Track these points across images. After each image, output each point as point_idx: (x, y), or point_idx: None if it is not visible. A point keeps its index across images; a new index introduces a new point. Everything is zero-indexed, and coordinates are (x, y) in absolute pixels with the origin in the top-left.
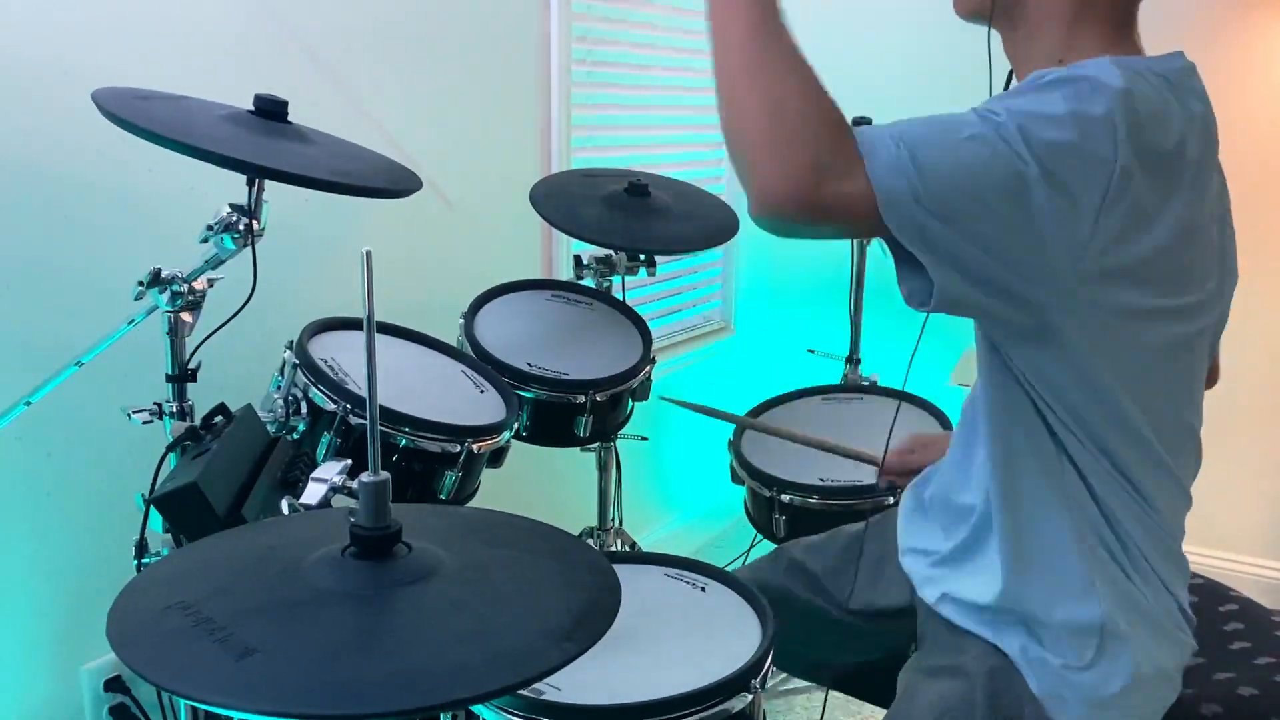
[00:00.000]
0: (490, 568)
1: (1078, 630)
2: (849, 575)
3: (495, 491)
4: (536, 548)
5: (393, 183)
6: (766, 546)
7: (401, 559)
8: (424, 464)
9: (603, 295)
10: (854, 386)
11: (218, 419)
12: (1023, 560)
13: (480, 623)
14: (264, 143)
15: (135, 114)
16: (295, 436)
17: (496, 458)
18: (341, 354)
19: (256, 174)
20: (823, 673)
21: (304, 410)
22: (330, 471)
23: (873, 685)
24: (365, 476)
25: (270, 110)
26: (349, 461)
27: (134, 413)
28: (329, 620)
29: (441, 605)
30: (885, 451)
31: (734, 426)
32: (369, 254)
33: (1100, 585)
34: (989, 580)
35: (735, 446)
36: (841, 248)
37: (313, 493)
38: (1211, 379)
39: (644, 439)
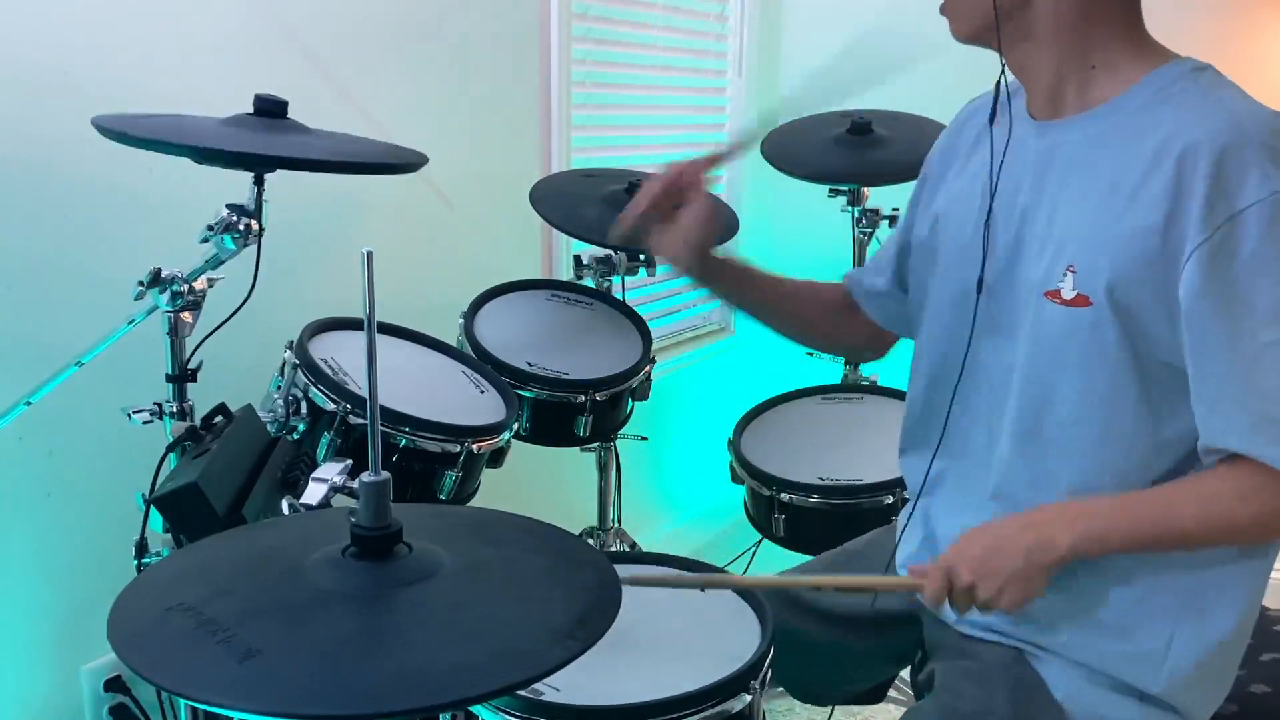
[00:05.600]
0: (491, 567)
1: None
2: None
3: (495, 491)
4: (537, 547)
5: (398, 159)
6: (768, 547)
7: (402, 559)
8: (424, 464)
9: (603, 295)
10: (853, 386)
11: (218, 419)
12: None
13: (481, 622)
14: (266, 137)
15: (136, 128)
16: (295, 436)
17: (496, 458)
18: (341, 354)
19: (262, 165)
20: (825, 699)
21: (304, 410)
22: (331, 472)
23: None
24: (366, 476)
25: (270, 109)
26: (349, 461)
27: (134, 413)
28: (330, 621)
29: (442, 605)
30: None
31: (733, 427)
32: (369, 254)
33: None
34: None
35: (735, 446)
36: (841, 248)
37: (313, 493)
38: None
39: (644, 439)
